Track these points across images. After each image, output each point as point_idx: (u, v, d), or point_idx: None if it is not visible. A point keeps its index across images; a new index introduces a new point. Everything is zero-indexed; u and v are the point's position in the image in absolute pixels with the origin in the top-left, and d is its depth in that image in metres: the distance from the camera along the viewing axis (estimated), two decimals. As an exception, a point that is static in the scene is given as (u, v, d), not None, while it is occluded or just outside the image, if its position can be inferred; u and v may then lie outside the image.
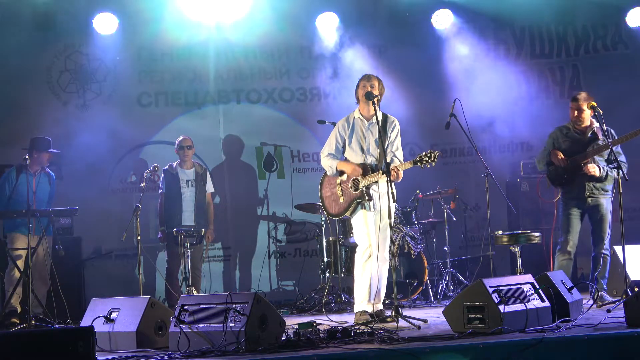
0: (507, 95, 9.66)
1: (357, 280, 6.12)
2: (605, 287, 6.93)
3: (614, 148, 6.66)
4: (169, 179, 8.13)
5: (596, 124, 6.99)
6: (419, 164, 5.85)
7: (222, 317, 4.67)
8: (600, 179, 6.86)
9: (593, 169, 6.80)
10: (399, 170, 5.87)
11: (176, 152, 8.23)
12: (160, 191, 8.23)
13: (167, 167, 8.17)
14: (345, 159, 6.31)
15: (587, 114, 6.96)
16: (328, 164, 6.31)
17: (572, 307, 5.34)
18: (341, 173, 6.24)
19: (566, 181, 6.95)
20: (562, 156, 6.93)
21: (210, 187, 8.32)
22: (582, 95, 7.07)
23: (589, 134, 6.98)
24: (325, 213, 6.66)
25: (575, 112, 6.96)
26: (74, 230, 8.31)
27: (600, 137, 6.92)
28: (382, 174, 5.84)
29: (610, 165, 6.88)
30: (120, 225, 7.78)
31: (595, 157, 6.88)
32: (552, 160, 7.01)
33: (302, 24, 9.65)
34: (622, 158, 6.83)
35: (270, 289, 9.29)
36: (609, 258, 6.94)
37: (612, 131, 6.94)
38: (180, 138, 8.23)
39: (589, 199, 6.90)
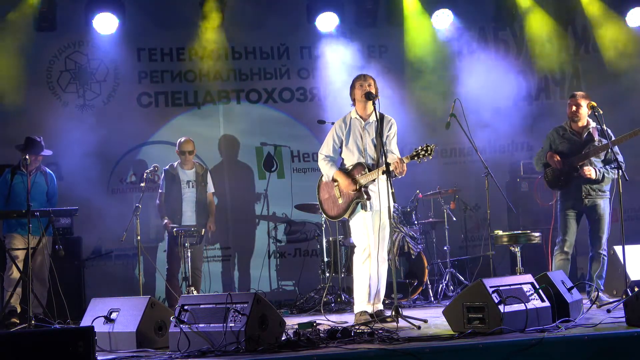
0: (507, 95, 9.66)
1: (356, 280, 6.12)
2: (602, 287, 6.94)
3: (595, 154, 6.73)
4: (170, 179, 8.13)
5: (592, 124, 7.01)
6: (416, 158, 5.84)
7: (222, 317, 4.67)
8: (596, 181, 6.88)
9: (589, 172, 6.81)
10: (403, 163, 5.85)
11: (177, 153, 8.23)
12: (160, 191, 8.22)
13: (167, 167, 8.17)
14: (343, 160, 6.31)
15: (585, 112, 6.97)
16: (325, 170, 6.30)
17: (572, 307, 5.34)
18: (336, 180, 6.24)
19: (563, 183, 6.96)
20: (558, 158, 6.93)
21: (211, 188, 8.32)
22: (580, 93, 7.20)
23: (584, 135, 6.99)
24: (324, 215, 6.66)
25: (574, 107, 6.99)
26: (74, 230, 8.30)
27: (597, 137, 6.94)
28: (382, 173, 5.84)
29: (608, 166, 6.89)
30: (120, 225, 7.76)
31: (591, 158, 6.89)
32: (548, 162, 7.01)
33: (302, 24, 9.66)
34: (620, 158, 6.86)
35: (270, 289, 9.29)
36: (606, 258, 6.95)
37: (610, 131, 6.96)
38: (182, 140, 8.18)
39: (586, 200, 6.91)
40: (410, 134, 8.73)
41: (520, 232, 7.43)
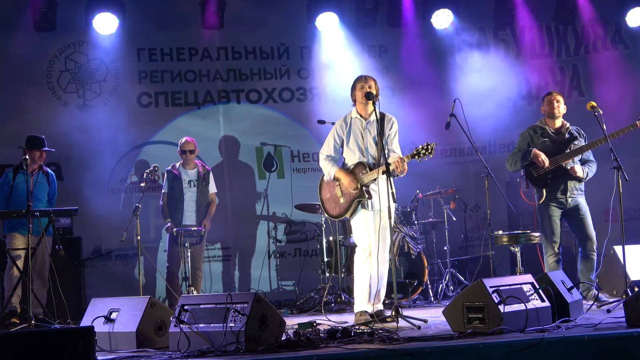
0: (507, 95, 9.67)
1: (357, 280, 6.12)
2: (597, 285, 6.95)
3: (587, 150, 6.80)
4: (172, 179, 8.13)
5: (568, 124, 7.04)
6: (416, 157, 5.84)
7: (222, 317, 4.67)
8: (581, 180, 6.91)
9: (580, 171, 6.85)
10: (404, 162, 5.85)
11: (179, 153, 8.23)
12: (163, 191, 8.22)
13: (170, 167, 8.17)
14: (344, 160, 6.31)
15: (562, 109, 7.02)
16: (327, 169, 6.30)
17: (572, 307, 5.34)
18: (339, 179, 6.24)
19: (550, 182, 6.95)
20: (545, 157, 6.91)
21: (213, 188, 8.32)
22: (556, 91, 7.32)
23: (566, 134, 7.01)
24: (325, 215, 6.66)
25: (554, 102, 7.00)
26: (74, 230, 8.30)
27: (577, 137, 7.00)
28: (382, 173, 5.84)
29: (586, 165, 6.95)
30: (120, 225, 7.77)
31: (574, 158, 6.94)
32: (533, 160, 6.96)
33: (302, 24, 9.66)
34: (592, 157, 7.00)
35: (270, 289, 9.29)
36: (596, 256, 6.95)
37: (583, 132, 7.02)
38: (183, 140, 8.21)
39: (569, 199, 6.92)
40: (410, 134, 8.72)
41: (520, 232, 7.44)
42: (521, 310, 4.91)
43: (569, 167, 6.91)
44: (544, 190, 6.98)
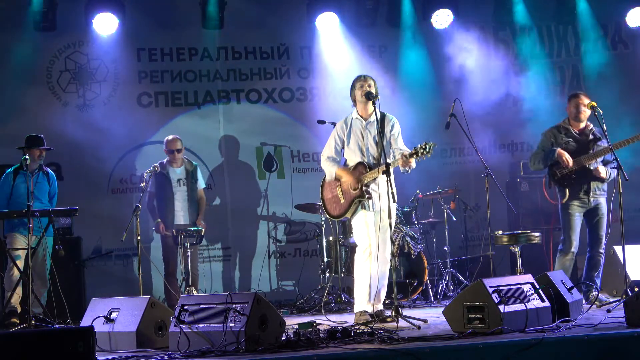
0: (507, 95, 9.66)
1: (357, 280, 6.12)
2: (599, 287, 6.94)
3: (610, 152, 6.74)
4: (160, 179, 8.07)
5: (591, 125, 7.02)
6: (415, 156, 5.83)
7: (222, 317, 4.68)
8: (604, 180, 6.89)
9: (604, 173, 6.83)
10: (410, 159, 5.82)
11: (165, 152, 8.21)
12: (149, 190, 8.06)
13: (157, 166, 8.09)
14: (345, 160, 6.32)
15: (587, 112, 6.98)
16: (328, 169, 6.32)
17: (572, 307, 5.35)
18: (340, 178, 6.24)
19: (574, 182, 6.92)
20: (569, 157, 6.88)
21: (201, 183, 8.28)
22: (583, 92, 7.17)
23: (590, 136, 6.99)
24: (326, 215, 6.66)
25: (582, 106, 6.95)
26: (74, 230, 8.30)
27: (600, 137, 6.96)
28: (382, 173, 5.84)
29: (607, 166, 6.91)
30: (120, 225, 7.77)
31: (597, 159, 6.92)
32: (557, 160, 6.93)
33: (302, 24, 9.66)
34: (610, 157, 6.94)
35: (270, 289, 9.29)
36: (603, 258, 6.94)
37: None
38: (170, 138, 8.17)
39: (592, 199, 6.90)
40: (411, 134, 8.70)
41: (520, 232, 7.43)
42: (521, 310, 4.91)
43: (592, 168, 6.89)
44: (567, 190, 6.94)
